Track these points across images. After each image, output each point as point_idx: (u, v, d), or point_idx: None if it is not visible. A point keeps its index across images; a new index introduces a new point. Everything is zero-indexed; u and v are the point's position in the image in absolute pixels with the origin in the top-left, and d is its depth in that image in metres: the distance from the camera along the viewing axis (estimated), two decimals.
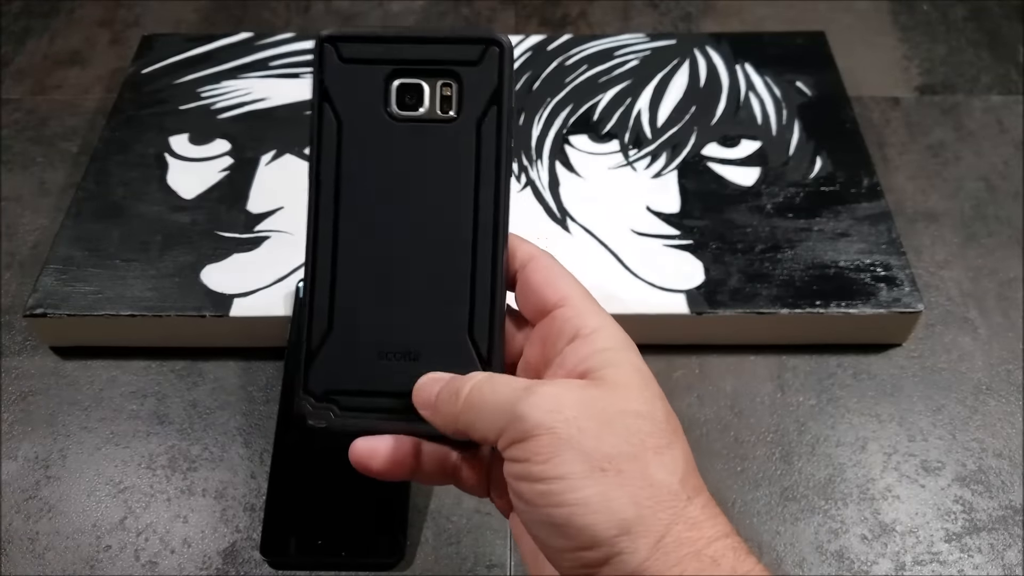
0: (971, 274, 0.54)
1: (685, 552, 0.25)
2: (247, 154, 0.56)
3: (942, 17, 0.70)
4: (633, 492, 0.25)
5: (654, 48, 0.63)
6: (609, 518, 0.25)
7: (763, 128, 0.57)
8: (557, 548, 0.26)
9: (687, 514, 0.26)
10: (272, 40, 0.64)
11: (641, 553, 0.25)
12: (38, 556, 0.43)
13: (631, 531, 0.25)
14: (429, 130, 0.31)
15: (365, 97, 0.31)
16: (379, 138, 0.31)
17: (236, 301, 0.49)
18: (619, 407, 0.27)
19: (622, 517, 0.25)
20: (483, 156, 0.31)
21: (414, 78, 0.31)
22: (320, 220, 0.31)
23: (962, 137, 0.61)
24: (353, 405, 0.32)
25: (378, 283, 0.31)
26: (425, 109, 0.31)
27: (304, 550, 0.42)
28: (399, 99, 0.31)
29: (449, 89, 0.31)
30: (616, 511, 0.25)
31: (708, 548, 0.25)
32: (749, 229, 0.52)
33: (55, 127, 0.63)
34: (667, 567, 0.25)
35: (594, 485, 0.25)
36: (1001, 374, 0.49)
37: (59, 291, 0.49)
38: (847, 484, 0.45)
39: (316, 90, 0.31)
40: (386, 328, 0.31)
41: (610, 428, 0.26)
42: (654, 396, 0.28)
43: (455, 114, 0.31)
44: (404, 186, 0.31)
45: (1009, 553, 0.43)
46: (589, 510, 0.25)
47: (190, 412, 0.48)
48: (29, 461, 0.46)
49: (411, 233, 0.31)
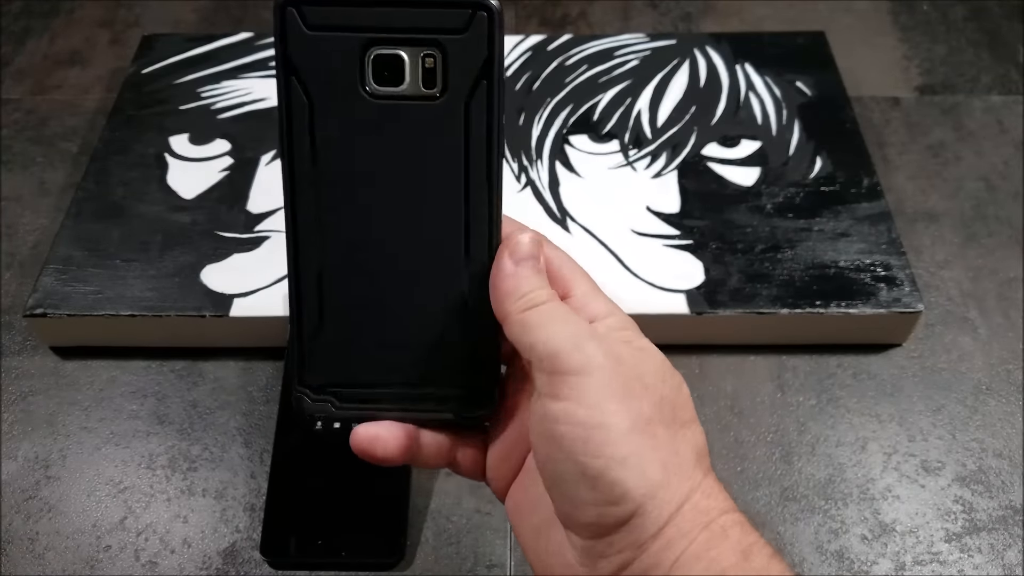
0: (971, 274, 0.54)
1: (698, 522, 0.26)
2: (247, 154, 0.56)
3: (942, 17, 0.70)
4: (663, 457, 0.26)
5: (654, 48, 0.63)
6: (640, 476, 0.25)
7: (763, 128, 0.57)
8: (582, 500, 0.26)
9: (703, 487, 0.26)
10: (272, 40, 0.64)
11: (662, 518, 0.25)
12: (38, 556, 0.43)
13: (656, 495, 0.25)
14: (411, 109, 0.28)
15: (337, 71, 0.28)
16: (356, 119, 0.28)
17: (236, 301, 0.49)
18: (656, 375, 0.27)
19: (652, 478, 0.25)
20: (472, 138, 0.28)
21: (392, 47, 0.27)
22: (299, 212, 0.29)
23: (962, 137, 0.61)
24: (351, 396, 0.31)
25: (369, 274, 0.30)
26: (406, 85, 0.28)
27: (304, 550, 0.42)
28: (376, 73, 0.28)
29: (432, 61, 0.27)
30: (646, 471, 0.25)
31: (719, 519, 0.26)
32: (749, 229, 0.52)
33: (55, 127, 0.63)
34: (680, 534, 0.25)
35: (632, 444, 0.25)
36: (1001, 374, 0.49)
37: (59, 291, 0.49)
38: (847, 484, 0.45)
39: (280, 64, 0.28)
40: (379, 319, 0.30)
41: (648, 393, 0.26)
42: (679, 375, 0.28)
43: (440, 91, 0.28)
44: (389, 172, 0.29)
45: (1009, 553, 0.43)
46: (625, 466, 0.25)
47: (190, 412, 0.48)
48: (29, 461, 0.46)
49: (399, 222, 0.29)
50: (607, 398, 0.26)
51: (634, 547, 0.26)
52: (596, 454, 0.25)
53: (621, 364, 0.27)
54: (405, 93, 0.28)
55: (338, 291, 0.30)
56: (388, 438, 0.30)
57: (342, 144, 0.29)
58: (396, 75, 0.28)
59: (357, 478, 0.44)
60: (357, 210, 0.29)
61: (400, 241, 0.30)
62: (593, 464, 0.25)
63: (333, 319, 0.30)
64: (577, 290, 0.30)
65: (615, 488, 0.25)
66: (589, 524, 0.26)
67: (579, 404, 0.26)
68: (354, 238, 0.30)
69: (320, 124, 0.28)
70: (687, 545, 0.25)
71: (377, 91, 0.28)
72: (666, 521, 0.25)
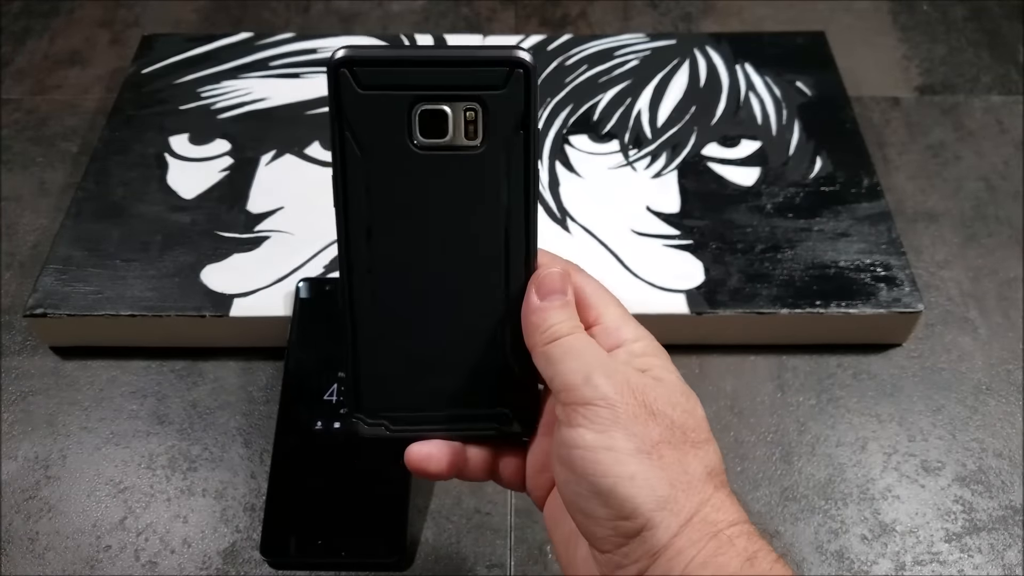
0: (971, 274, 0.54)
1: (706, 532, 0.28)
2: (247, 154, 0.56)
3: (942, 17, 0.70)
4: (670, 476, 0.28)
5: (654, 48, 0.63)
6: (649, 493, 0.28)
7: (763, 128, 0.57)
8: (598, 517, 0.28)
9: (712, 501, 0.29)
10: (272, 40, 0.64)
11: (671, 528, 0.28)
12: (38, 556, 0.43)
13: (665, 507, 0.28)
14: (454, 159, 0.31)
15: (387, 126, 0.30)
16: (404, 168, 0.31)
17: (236, 301, 0.49)
18: (667, 401, 0.30)
19: (659, 494, 0.28)
20: (511, 182, 0.31)
21: (437, 104, 0.30)
22: (352, 254, 0.32)
23: (962, 137, 0.61)
24: (402, 419, 0.34)
25: (417, 308, 0.32)
26: (449, 136, 0.30)
27: (304, 550, 0.42)
28: (422, 127, 0.30)
29: (474, 114, 0.30)
30: (655, 488, 0.28)
31: (726, 530, 0.28)
32: (749, 229, 0.52)
33: (55, 127, 0.63)
34: (690, 543, 0.28)
35: (638, 464, 0.28)
36: (1001, 374, 0.49)
37: (59, 291, 0.49)
38: (847, 484, 0.45)
39: (334, 120, 0.30)
40: (427, 349, 0.33)
41: (655, 420, 0.29)
42: (695, 399, 0.31)
43: (480, 141, 0.30)
44: (434, 215, 0.31)
45: (1009, 553, 0.43)
46: (633, 484, 0.28)
47: (190, 412, 0.48)
48: (29, 461, 0.46)
49: (444, 260, 0.32)
50: (613, 425, 0.29)
51: (648, 556, 0.28)
52: (605, 474, 0.28)
53: (631, 394, 0.29)
54: (449, 144, 0.30)
55: (389, 325, 0.33)
56: (439, 456, 0.33)
57: (391, 191, 0.31)
58: (440, 128, 0.30)
59: (357, 478, 0.44)
60: (406, 249, 0.32)
61: (445, 277, 0.32)
62: (603, 483, 0.28)
63: (385, 350, 0.33)
64: (607, 316, 0.32)
65: (626, 504, 0.28)
66: (605, 538, 0.29)
67: (588, 430, 0.29)
68: (403, 275, 0.32)
69: (371, 173, 0.31)
70: (695, 553, 0.27)
71: (423, 143, 0.30)
72: (675, 532, 0.28)
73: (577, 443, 0.29)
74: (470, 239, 0.32)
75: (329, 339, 0.47)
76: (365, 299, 0.32)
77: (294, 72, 0.62)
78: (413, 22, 0.71)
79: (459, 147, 0.30)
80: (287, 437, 0.45)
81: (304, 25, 0.70)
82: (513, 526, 0.44)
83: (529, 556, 0.43)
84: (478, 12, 0.71)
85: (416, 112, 0.30)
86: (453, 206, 0.31)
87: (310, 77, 0.61)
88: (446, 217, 0.31)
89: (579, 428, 0.29)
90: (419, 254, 0.32)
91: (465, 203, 0.31)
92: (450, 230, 0.31)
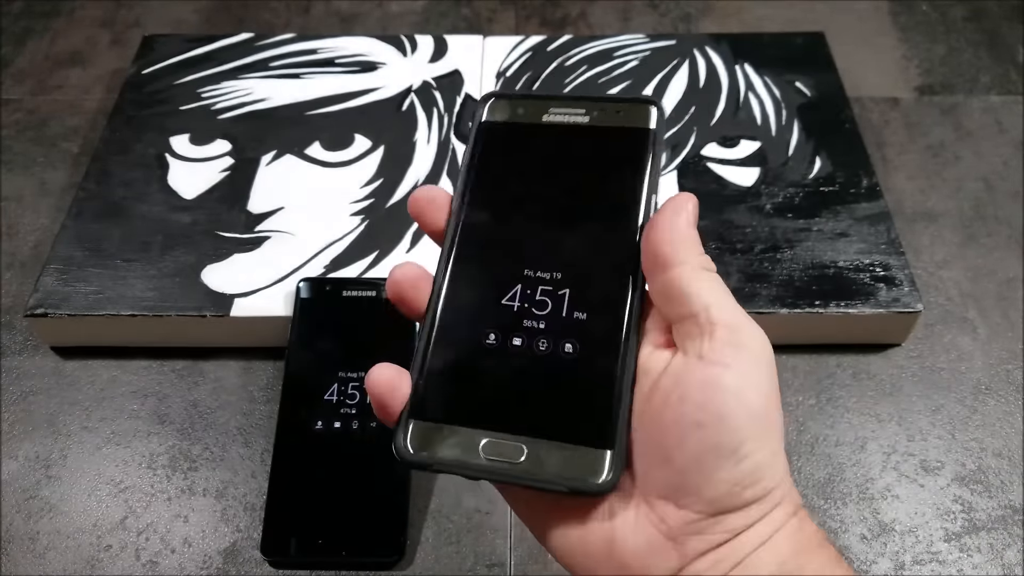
0: (970, 274, 0.54)
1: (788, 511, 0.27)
2: (247, 154, 0.57)
3: (942, 17, 0.71)
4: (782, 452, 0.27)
5: (654, 49, 0.63)
6: (780, 469, 0.26)
7: (763, 128, 0.58)
8: (720, 475, 0.25)
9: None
10: (272, 40, 0.64)
11: (764, 510, 0.26)
12: (39, 556, 0.43)
13: (779, 487, 0.26)
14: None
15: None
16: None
17: (236, 301, 0.49)
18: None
19: (781, 472, 0.26)
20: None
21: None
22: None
23: (961, 137, 0.61)
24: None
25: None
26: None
27: (304, 550, 0.42)
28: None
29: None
30: (782, 466, 0.26)
31: (799, 512, 0.27)
32: (749, 229, 0.52)
33: (56, 127, 0.63)
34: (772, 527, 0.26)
35: (778, 437, 0.26)
36: (1001, 374, 0.49)
37: (59, 291, 0.49)
38: (846, 484, 0.45)
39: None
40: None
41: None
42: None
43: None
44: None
45: (1008, 553, 0.43)
46: (776, 456, 0.26)
47: (190, 412, 0.48)
48: (30, 461, 0.47)
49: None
50: (771, 393, 0.26)
51: (732, 533, 0.26)
52: (756, 440, 0.25)
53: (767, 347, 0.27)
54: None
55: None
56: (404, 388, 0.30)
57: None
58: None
59: (357, 478, 0.44)
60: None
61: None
62: (747, 446, 0.25)
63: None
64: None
65: (756, 474, 0.25)
66: (713, 500, 0.25)
67: (751, 386, 0.26)
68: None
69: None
70: (773, 532, 0.26)
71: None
72: (765, 514, 0.26)
73: (737, 392, 0.25)
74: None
75: (329, 339, 0.48)
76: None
77: (294, 73, 0.62)
78: (413, 22, 0.71)
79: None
80: (287, 437, 0.45)
81: (304, 26, 0.70)
82: (513, 525, 0.44)
83: (529, 556, 0.43)
84: (478, 12, 0.71)
85: None
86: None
87: (310, 77, 0.61)
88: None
89: (741, 377, 0.26)
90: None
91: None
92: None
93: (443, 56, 0.63)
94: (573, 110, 0.32)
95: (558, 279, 0.29)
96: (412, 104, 0.60)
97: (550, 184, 0.31)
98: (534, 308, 0.29)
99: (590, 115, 0.32)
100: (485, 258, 0.30)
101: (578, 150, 0.32)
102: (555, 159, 0.32)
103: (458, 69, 0.62)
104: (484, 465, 0.27)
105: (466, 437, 0.27)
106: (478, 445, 0.27)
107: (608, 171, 0.31)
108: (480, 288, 0.30)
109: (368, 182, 0.55)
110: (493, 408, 0.28)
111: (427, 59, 0.63)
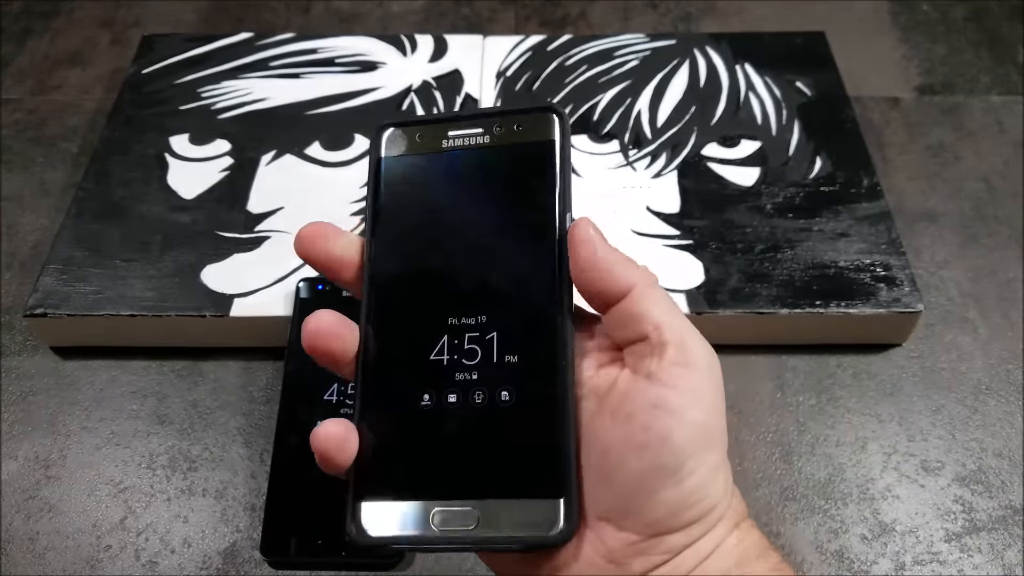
0: (971, 274, 0.54)
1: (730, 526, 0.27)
2: (247, 154, 0.56)
3: (942, 17, 0.70)
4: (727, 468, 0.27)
5: (654, 48, 0.63)
6: (722, 488, 0.27)
7: (763, 128, 0.57)
8: (659, 497, 0.25)
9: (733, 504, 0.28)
10: (272, 40, 0.64)
11: (706, 528, 0.27)
12: (38, 556, 0.43)
13: (719, 506, 0.27)
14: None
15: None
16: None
17: (236, 301, 0.49)
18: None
19: (724, 491, 0.27)
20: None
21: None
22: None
23: (962, 137, 0.61)
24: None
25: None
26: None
27: (304, 550, 0.42)
28: None
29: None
30: (726, 484, 0.27)
31: (742, 523, 0.28)
32: (749, 229, 0.52)
33: (55, 127, 0.63)
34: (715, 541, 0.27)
35: (721, 454, 0.27)
36: (1001, 374, 0.49)
37: (59, 291, 0.49)
38: (847, 484, 0.45)
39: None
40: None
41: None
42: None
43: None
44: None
45: (1009, 553, 0.43)
46: (717, 474, 0.26)
47: (190, 412, 0.48)
48: (29, 461, 0.46)
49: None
50: (716, 407, 0.26)
51: (673, 552, 0.26)
52: (697, 457, 0.25)
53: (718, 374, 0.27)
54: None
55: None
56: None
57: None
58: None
59: None
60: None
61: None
62: (688, 465, 0.25)
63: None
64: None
65: (697, 493, 0.25)
66: (654, 521, 0.25)
67: (696, 405, 0.26)
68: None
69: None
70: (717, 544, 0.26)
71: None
72: (707, 531, 0.26)
73: (680, 413, 0.25)
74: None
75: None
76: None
77: (294, 72, 0.62)
78: (413, 22, 0.71)
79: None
80: (287, 437, 0.45)
81: (304, 25, 0.70)
82: None
83: None
84: (478, 12, 0.71)
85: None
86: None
87: (310, 77, 0.61)
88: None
89: (684, 396, 0.25)
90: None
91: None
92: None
93: (443, 56, 0.63)
94: (472, 131, 0.31)
95: (483, 322, 0.28)
96: (412, 104, 0.60)
97: (458, 219, 0.30)
98: (464, 359, 0.28)
99: (490, 133, 0.31)
100: (406, 310, 0.29)
101: (482, 177, 0.30)
102: (459, 189, 0.31)
103: (458, 69, 0.62)
104: (439, 537, 0.27)
105: (417, 510, 0.27)
106: (429, 517, 0.27)
107: (515, 195, 0.30)
108: (406, 346, 0.29)
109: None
110: (439, 476, 0.27)
111: (427, 59, 0.63)
